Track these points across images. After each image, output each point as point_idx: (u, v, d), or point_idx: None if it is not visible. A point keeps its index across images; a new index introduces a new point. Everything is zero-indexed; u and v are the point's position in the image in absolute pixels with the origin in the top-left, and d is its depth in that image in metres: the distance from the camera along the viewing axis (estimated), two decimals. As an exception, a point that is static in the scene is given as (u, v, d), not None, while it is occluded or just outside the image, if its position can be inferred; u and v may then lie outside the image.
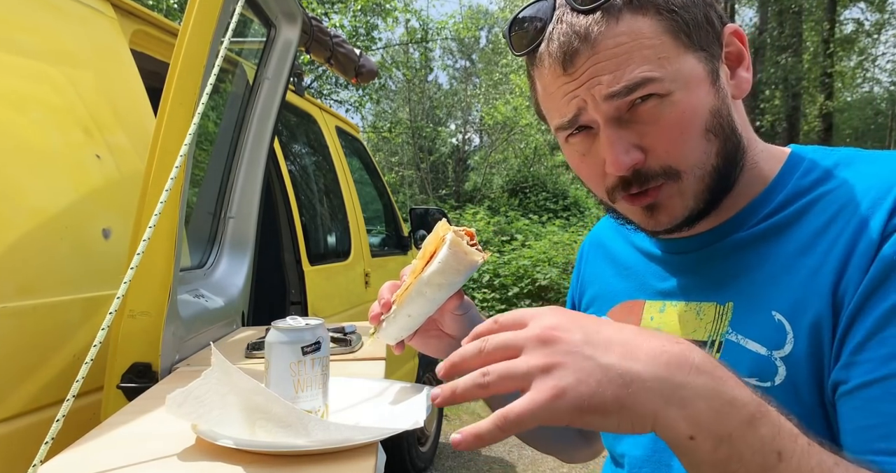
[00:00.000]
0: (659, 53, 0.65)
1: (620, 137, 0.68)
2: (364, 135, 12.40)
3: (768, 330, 0.65)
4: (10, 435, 1.06)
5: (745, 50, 0.72)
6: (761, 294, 0.68)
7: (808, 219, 0.68)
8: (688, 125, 0.67)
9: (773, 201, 0.71)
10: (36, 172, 1.23)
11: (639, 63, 0.65)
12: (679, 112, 0.66)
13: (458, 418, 4.85)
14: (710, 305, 0.73)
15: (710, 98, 0.68)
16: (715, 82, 0.69)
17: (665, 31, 0.66)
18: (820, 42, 16.62)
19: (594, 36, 0.65)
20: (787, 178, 0.72)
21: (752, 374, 0.65)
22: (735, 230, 0.73)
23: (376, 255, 3.51)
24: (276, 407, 0.70)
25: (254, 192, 1.71)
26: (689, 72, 0.67)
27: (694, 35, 0.67)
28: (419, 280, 0.80)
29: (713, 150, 0.69)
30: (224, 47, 1.06)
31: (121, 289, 0.80)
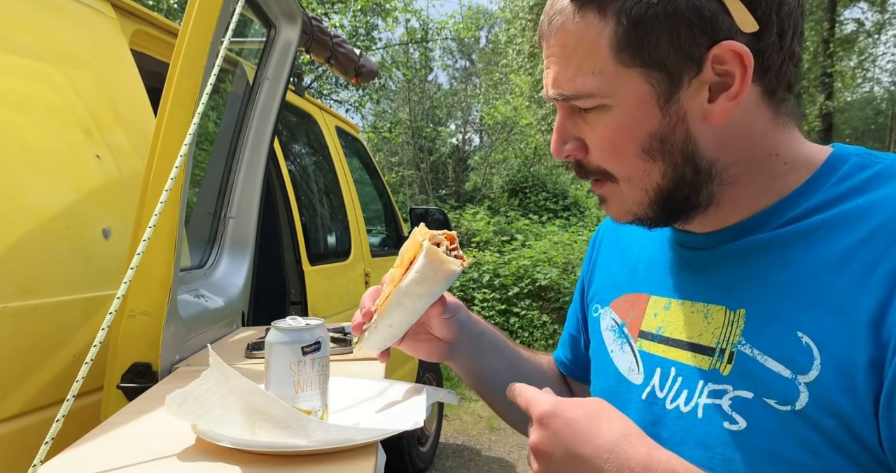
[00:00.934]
0: (595, 66, 0.64)
1: (565, 126, 0.69)
2: (364, 135, 12.40)
3: (792, 351, 0.61)
4: (10, 435, 1.06)
5: (739, 75, 0.62)
6: (781, 306, 0.63)
7: (839, 231, 0.62)
8: (622, 142, 0.66)
9: (801, 205, 0.65)
10: (36, 172, 1.23)
11: (576, 73, 0.65)
12: (615, 127, 0.65)
13: (458, 418, 4.85)
14: (719, 309, 0.69)
15: (652, 121, 0.64)
16: (664, 106, 0.64)
17: (610, 43, 0.62)
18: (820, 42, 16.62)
19: (553, 25, 0.66)
20: (821, 182, 0.66)
21: (771, 395, 0.62)
22: (754, 230, 0.68)
23: (376, 255, 3.51)
24: (275, 409, 0.70)
25: (254, 192, 1.71)
26: (626, 90, 0.64)
27: (640, 54, 0.62)
28: (397, 289, 0.78)
29: (655, 170, 0.66)
30: (224, 47, 1.06)
31: (121, 289, 0.80)
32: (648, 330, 0.77)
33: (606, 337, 0.84)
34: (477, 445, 4.35)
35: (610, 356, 0.82)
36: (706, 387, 0.67)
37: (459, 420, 4.82)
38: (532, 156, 14.38)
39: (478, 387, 0.97)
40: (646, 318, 0.79)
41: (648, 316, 0.78)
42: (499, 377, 0.96)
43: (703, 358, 0.69)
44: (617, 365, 0.81)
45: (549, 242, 8.27)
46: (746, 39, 0.61)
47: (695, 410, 0.67)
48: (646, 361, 0.76)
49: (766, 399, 0.62)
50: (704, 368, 0.69)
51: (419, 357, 0.93)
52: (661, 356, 0.74)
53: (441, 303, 0.84)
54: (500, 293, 7.26)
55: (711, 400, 0.66)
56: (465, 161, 17.39)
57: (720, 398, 0.66)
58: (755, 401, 0.63)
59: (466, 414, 4.94)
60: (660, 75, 0.63)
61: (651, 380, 0.74)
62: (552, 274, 7.12)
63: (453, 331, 0.89)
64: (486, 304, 7.13)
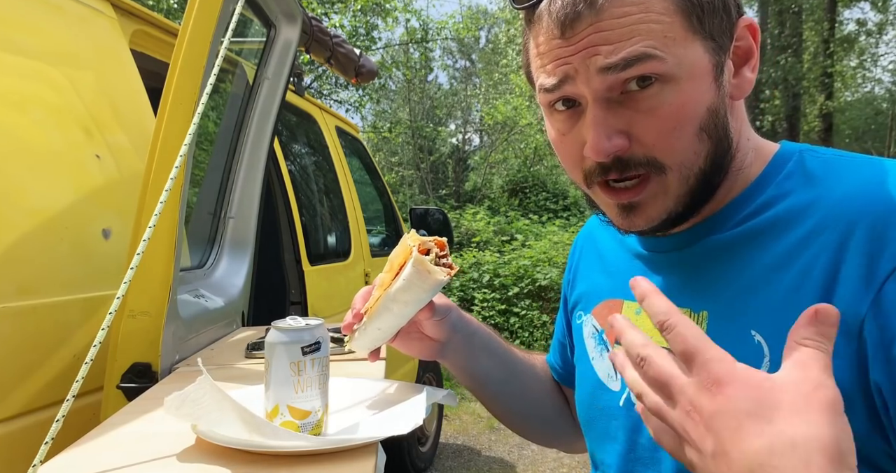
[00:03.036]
0: (667, 32, 0.59)
1: (606, 119, 0.62)
2: (364, 135, 12.41)
3: (747, 350, 0.61)
4: (10, 435, 1.06)
5: (756, 48, 0.66)
6: (737, 307, 0.64)
7: (785, 228, 0.63)
8: (685, 119, 0.62)
9: (752, 203, 0.66)
10: (36, 172, 1.23)
11: (643, 37, 0.59)
12: (679, 103, 0.61)
13: (458, 418, 4.85)
14: (684, 311, 0.66)
15: (710, 94, 0.63)
16: (718, 78, 0.63)
17: (677, 10, 0.60)
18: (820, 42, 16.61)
19: (601, 1, 0.59)
20: (769, 179, 0.67)
21: None
22: (711, 231, 0.69)
23: (376, 255, 3.51)
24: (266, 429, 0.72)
25: (254, 192, 1.71)
26: (694, 60, 0.61)
27: (707, 21, 0.61)
28: (386, 295, 0.79)
29: (703, 151, 0.64)
30: (224, 47, 1.05)
31: (121, 289, 0.80)
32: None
33: (588, 344, 0.85)
34: (477, 445, 4.35)
35: (591, 363, 0.83)
36: None
37: (459, 420, 4.82)
38: (532, 156, 14.38)
39: (471, 386, 0.98)
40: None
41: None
42: (491, 376, 0.96)
43: None
44: (597, 373, 0.81)
45: (548, 242, 8.27)
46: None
47: None
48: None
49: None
50: None
51: (411, 354, 0.94)
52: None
53: (429, 308, 0.84)
54: (500, 293, 7.26)
55: None
56: (465, 161, 17.39)
57: None
58: None
59: (466, 414, 4.94)
60: (714, 45, 0.62)
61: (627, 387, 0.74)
62: (552, 275, 7.11)
63: (444, 332, 0.90)
64: (486, 304, 7.13)
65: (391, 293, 0.78)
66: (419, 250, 0.78)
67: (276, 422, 0.76)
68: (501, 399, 0.99)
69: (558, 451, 4.17)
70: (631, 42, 0.59)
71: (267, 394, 0.77)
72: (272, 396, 0.76)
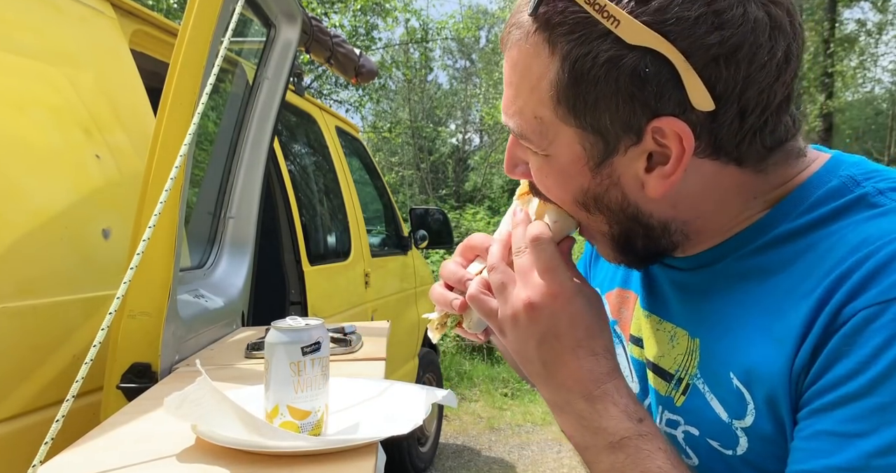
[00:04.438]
0: (536, 110, 0.59)
1: (514, 152, 0.67)
2: (364, 135, 12.40)
3: (728, 394, 0.60)
4: (10, 435, 1.06)
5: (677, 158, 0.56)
6: (723, 344, 0.61)
7: (789, 269, 0.58)
8: (554, 190, 0.64)
9: (769, 234, 0.61)
10: (36, 172, 1.23)
11: (521, 107, 0.60)
12: (546, 175, 0.63)
13: (458, 418, 4.85)
14: (683, 333, 0.67)
15: (581, 179, 0.61)
16: (595, 169, 0.59)
17: (551, 88, 0.56)
18: (820, 42, 16.60)
19: (511, 38, 0.60)
20: (790, 209, 0.60)
21: (714, 437, 0.61)
22: (720, 259, 0.64)
23: (376, 255, 3.51)
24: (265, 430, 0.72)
25: (254, 192, 1.71)
26: (560, 146, 0.60)
27: (581, 114, 0.57)
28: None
29: (599, 219, 0.64)
30: (224, 47, 1.06)
31: (121, 289, 0.80)
32: (637, 335, 0.76)
33: None
34: (477, 445, 4.35)
35: None
36: (664, 414, 0.69)
37: (459, 420, 4.82)
38: (532, 156, 14.36)
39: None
40: (634, 322, 0.77)
41: (636, 319, 0.77)
42: None
43: (662, 383, 0.70)
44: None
45: (549, 242, 8.25)
46: (700, 116, 0.54)
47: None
48: (637, 369, 0.76)
49: (709, 440, 0.63)
50: (662, 393, 0.70)
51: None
52: (640, 360, 0.75)
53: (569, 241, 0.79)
54: (500, 293, 7.24)
55: (669, 430, 0.68)
56: (465, 161, 17.39)
57: (675, 429, 0.67)
58: (701, 440, 0.64)
59: (466, 415, 4.94)
60: (594, 139, 0.58)
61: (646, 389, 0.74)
62: (552, 274, 7.10)
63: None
64: (486, 304, 7.11)
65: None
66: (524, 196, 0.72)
67: (276, 422, 0.76)
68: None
69: (559, 451, 4.17)
70: (513, 110, 0.62)
71: (267, 394, 0.77)
72: (272, 396, 0.76)
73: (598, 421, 0.60)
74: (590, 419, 0.60)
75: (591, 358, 0.61)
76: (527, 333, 0.63)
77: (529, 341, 0.63)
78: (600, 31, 0.52)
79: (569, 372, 0.61)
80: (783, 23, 0.54)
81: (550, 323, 0.61)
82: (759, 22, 0.52)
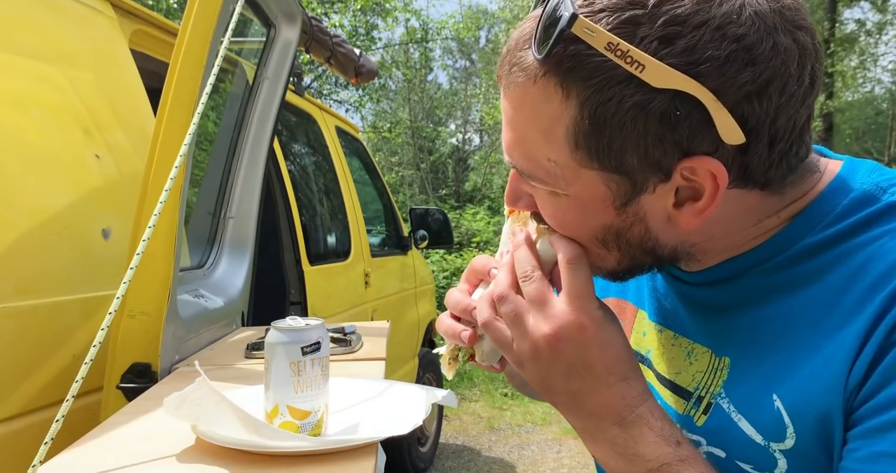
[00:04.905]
0: (549, 154, 0.56)
1: (515, 186, 0.64)
2: (364, 135, 12.40)
3: (765, 415, 0.57)
4: (10, 435, 1.06)
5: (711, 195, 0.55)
6: (763, 363, 0.59)
7: (829, 280, 0.56)
8: (569, 228, 0.61)
9: (796, 244, 0.59)
10: (36, 172, 1.22)
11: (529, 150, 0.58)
12: (560, 214, 0.60)
13: (458, 418, 4.85)
14: (704, 350, 0.65)
15: (605, 217, 0.58)
16: (621, 207, 0.57)
17: (567, 134, 0.54)
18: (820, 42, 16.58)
19: (513, 77, 0.56)
20: (816, 219, 0.58)
21: (747, 460, 0.59)
22: (745, 273, 0.62)
23: (376, 255, 3.51)
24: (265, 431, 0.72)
25: (254, 192, 1.71)
26: (581, 188, 0.57)
27: (605, 158, 0.54)
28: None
29: (611, 257, 0.61)
30: (224, 47, 1.05)
31: (121, 289, 0.80)
32: (637, 350, 0.74)
33: None
34: (477, 445, 4.35)
35: None
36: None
37: (459, 420, 4.82)
38: (532, 156, 14.38)
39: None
40: (634, 335, 0.75)
41: (637, 333, 0.75)
42: None
43: (679, 401, 0.67)
44: None
45: (549, 242, 8.26)
46: (731, 150, 0.53)
47: None
48: None
49: (739, 463, 0.60)
50: (679, 411, 0.67)
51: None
52: (650, 383, 0.70)
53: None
54: (500, 293, 7.24)
55: None
56: (465, 161, 17.39)
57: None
58: (728, 463, 0.61)
59: (466, 415, 4.94)
60: (620, 179, 0.56)
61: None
62: (552, 274, 7.10)
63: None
64: (486, 304, 7.11)
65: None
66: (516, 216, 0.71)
67: (276, 423, 0.76)
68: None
69: (558, 451, 4.17)
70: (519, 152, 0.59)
71: (267, 394, 0.77)
72: (272, 396, 0.76)
73: (634, 448, 0.57)
74: (625, 446, 0.58)
75: (623, 383, 0.59)
76: (551, 366, 0.59)
77: (555, 374, 0.59)
78: (622, 75, 0.50)
79: (600, 401, 0.59)
80: (808, 47, 0.53)
81: (578, 355, 0.58)
82: (789, 52, 0.51)
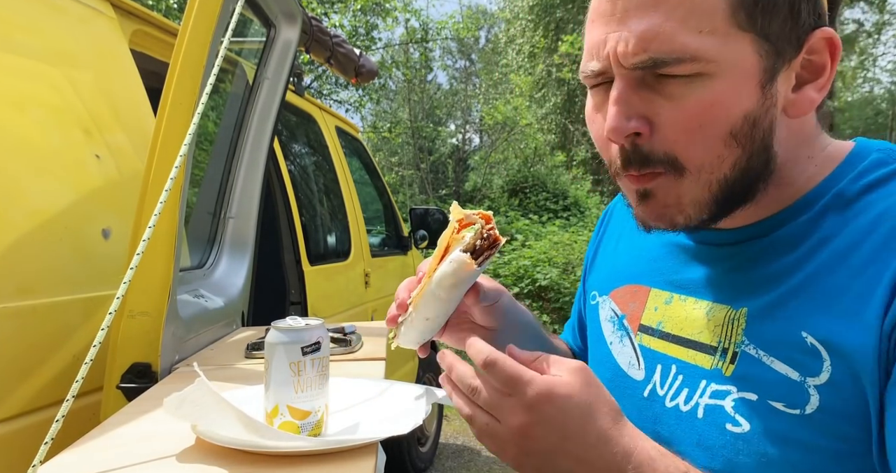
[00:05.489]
0: (705, 23, 0.55)
1: (629, 100, 0.59)
2: (364, 135, 12.41)
3: (798, 352, 0.58)
4: (10, 435, 1.06)
5: (831, 66, 0.59)
6: (785, 306, 0.61)
7: (853, 232, 0.59)
8: (712, 119, 0.57)
9: (818, 203, 0.62)
10: (36, 172, 1.22)
11: (677, 26, 0.55)
12: (708, 101, 0.57)
13: (458, 418, 4.85)
14: (722, 307, 0.66)
15: (750, 100, 0.58)
16: (766, 85, 0.57)
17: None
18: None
19: None
20: (838, 179, 0.63)
21: (779, 399, 0.60)
22: (770, 230, 0.65)
23: (376, 255, 3.51)
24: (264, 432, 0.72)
25: (254, 192, 1.71)
26: (736, 58, 0.56)
27: (760, 19, 0.55)
28: (431, 280, 0.74)
29: (730, 159, 0.59)
30: (224, 47, 1.05)
31: (121, 289, 0.80)
32: (649, 325, 0.75)
33: (605, 328, 0.82)
34: (477, 445, 4.35)
35: (609, 348, 0.80)
36: (708, 387, 0.66)
37: (459, 420, 4.82)
38: (532, 156, 14.39)
39: None
40: (646, 312, 0.76)
41: (649, 309, 0.76)
42: None
43: (705, 357, 0.67)
44: (616, 359, 0.78)
45: (549, 242, 8.27)
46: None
47: (695, 410, 0.66)
48: (646, 356, 0.74)
49: (771, 402, 0.60)
50: (706, 367, 0.67)
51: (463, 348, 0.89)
52: (662, 352, 0.72)
53: (475, 291, 0.78)
54: (500, 293, 7.24)
55: (713, 401, 0.65)
56: (465, 161, 17.39)
57: (722, 399, 0.64)
58: (759, 404, 0.61)
59: (466, 414, 4.93)
60: (769, 48, 0.56)
61: (652, 377, 0.72)
62: (552, 275, 7.11)
63: (496, 319, 0.82)
64: (487, 304, 7.11)
65: (436, 278, 0.73)
66: (461, 224, 0.74)
67: (276, 423, 0.76)
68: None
69: (558, 451, 4.17)
70: (665, 33, 0.55)
71: (267, 394, 0.77)
72: (272, 396, 0.76)
73: None
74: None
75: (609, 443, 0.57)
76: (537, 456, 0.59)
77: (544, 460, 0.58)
78: None
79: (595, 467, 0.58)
80: None
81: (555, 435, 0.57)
82: None
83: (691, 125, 0.58)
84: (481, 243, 0.73)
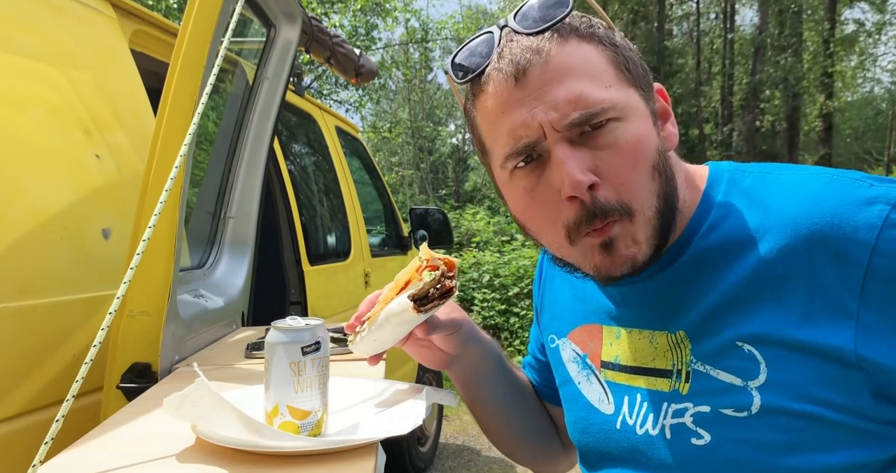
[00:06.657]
0: (606, 82, 0.65)
1: (576, 157, 0.64)
2: (364, 135, 12.40)
3: (738, 360, 0.65)
4: (10, 435, 1.06)
5: (670, 108, 0.73)
6: (715, 322, 0.67)
7: (744, 247, 0.67)
8: (641, 157, 0.66)
9: (702, 227, 0.71)
10: (36, 172, 1.23)
11: (589, 88, 0.64)
12: (633, 140, 0.65)
13: (458, 418, 4.86)
14: (661, 333, 0.73)
15: (654, 136, 0.68)
16: (655, 124, 0.69)
17: (610, 62, 0.66)
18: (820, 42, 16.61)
19: (546, 51, 0.65)
20: (710, 202, 0.72)
21: (728, 405, 0.65)
22: (674, 259, 0.72)
23: (376, 255, 3.51)
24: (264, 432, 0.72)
25: (254, 192, 1.71)
26: (634, 104, 0.67)
27: (632, 75, 0.68)
28: (384, 310, 0.81)
29: (656, 190, 0.67)
30: (224, 47, 1.06)
31: (121, 289, 0.80)
32: (608, 360, 0.79)
33: (570, 368, 0.85)
34: (477, 445, 4.35)
35: (578, 388, 0.84)
36: (669, 408, 0.70)
37: (459, 420, 4.82)
38: (532, 156, 14.37)
39: (470, 399, 0.98)
40: (604, 348, 0.80)
41: (606, 345, 0.80)
42: (495, 393, 0.97)
43: (664, 381, 0.72)
44: (587, 397, 0.82)
45: (549, 242, 8.25)
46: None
47: (662, 432, 0.70)
48: (613, 391, 0.78)
49: (722, 410, 0.65)
50: (665, 390, 0.72)
51: (419, 361, 0.94)
52: (626, 384, 0.77)
53: (424, 327, 0.83)
54: (500, 293, 7.25)
55: (675, 420, 0.69)
56: (465, 161, 17.38)
57: (682, 416, 0.69)
58: (713, 414, 0.66)
59: (466, 414, 4.94)
60: (646, 96, 0.69)
61: (621, 409, 0.77)
62: (552, 274, 7.10)
63: (455, 346, 0.90)
64: (486, 304, 7.13)
65: (386, 311, 0.80)
66: (429, 266, 0.78)
67: (276, 423, 0.76)
68: (502, 417, 1.00)
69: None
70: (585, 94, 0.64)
71: (267, 394, 0.77)
72: (272, 396, 0.76)
73: None
74: None
75: None
76: None
77: None
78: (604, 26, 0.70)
79: None
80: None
81: None
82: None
83: (629, 165, 0.65)
84: (433, 292, 0.77)
